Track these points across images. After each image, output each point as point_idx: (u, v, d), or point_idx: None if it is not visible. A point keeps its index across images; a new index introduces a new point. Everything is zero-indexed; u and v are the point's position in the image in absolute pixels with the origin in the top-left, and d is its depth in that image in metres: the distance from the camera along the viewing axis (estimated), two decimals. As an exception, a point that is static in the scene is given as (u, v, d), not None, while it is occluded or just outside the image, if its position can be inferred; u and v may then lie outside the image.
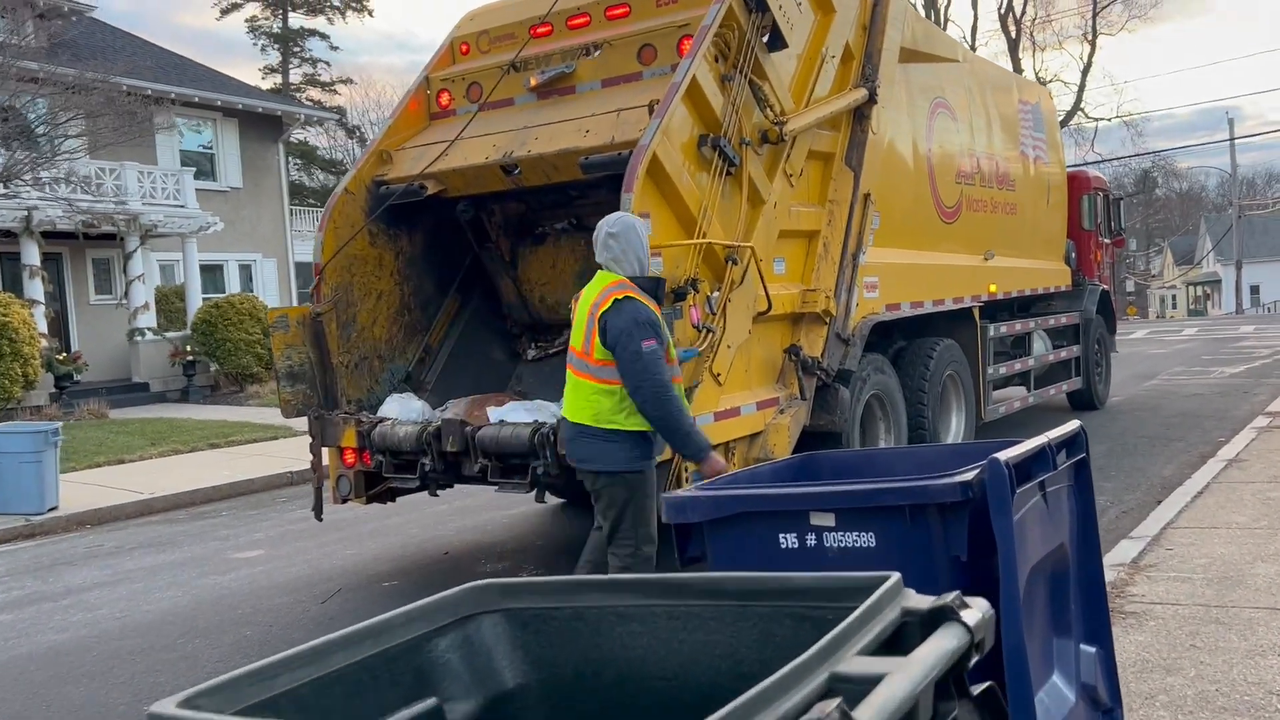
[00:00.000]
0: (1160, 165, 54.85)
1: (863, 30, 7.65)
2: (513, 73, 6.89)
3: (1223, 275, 59.69)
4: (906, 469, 2.70)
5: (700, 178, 5.88)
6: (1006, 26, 47.48)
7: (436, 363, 7.37)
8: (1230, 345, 22.40)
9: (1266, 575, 5.03)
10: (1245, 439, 9.23)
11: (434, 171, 6.70)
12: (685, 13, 6.39)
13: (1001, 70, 12.44)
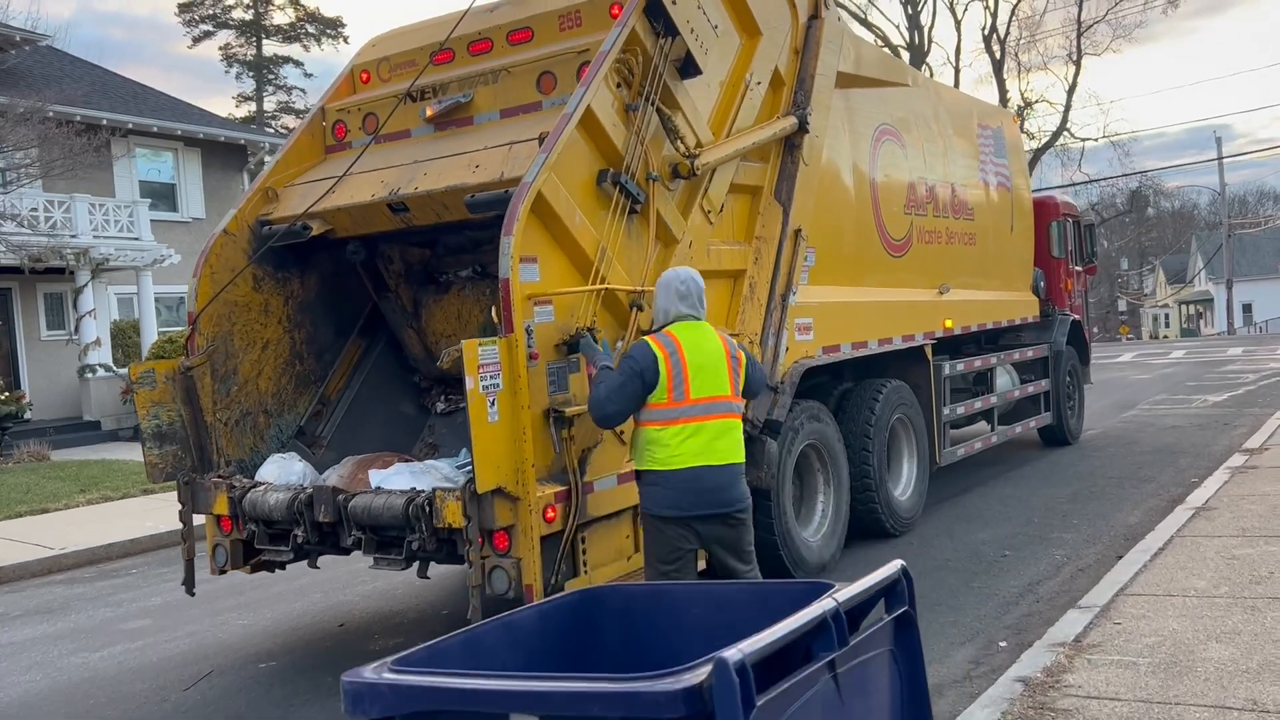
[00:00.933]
0: (1149, 185, 54.51)
1: (795, 54, 7.15)
2: (409, 102, 6.33)
3: (1215, 294, 59.29)
4: (703, 611, 2.13)
5: (599, 216, 5.35)
6: (990, 48, 47.25)
7: (334, 416, 6.70)
8: (1217, 369, 21.86)
9: (1218, 660, 4.44)
10: (1218, 481, 8.65)
11: (320, 210, 6.11)
12: (588, 37, 5.85)
13: (959, 94, 11.99)
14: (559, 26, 6.14)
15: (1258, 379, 18.95)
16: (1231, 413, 14.16)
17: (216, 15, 39.33)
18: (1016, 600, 6.15)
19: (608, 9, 5.87)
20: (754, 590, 2.24)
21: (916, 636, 2.06)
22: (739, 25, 6.54)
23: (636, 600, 2.22)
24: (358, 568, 8.26)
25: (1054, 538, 7.66)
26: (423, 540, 4.99)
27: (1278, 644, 4.57)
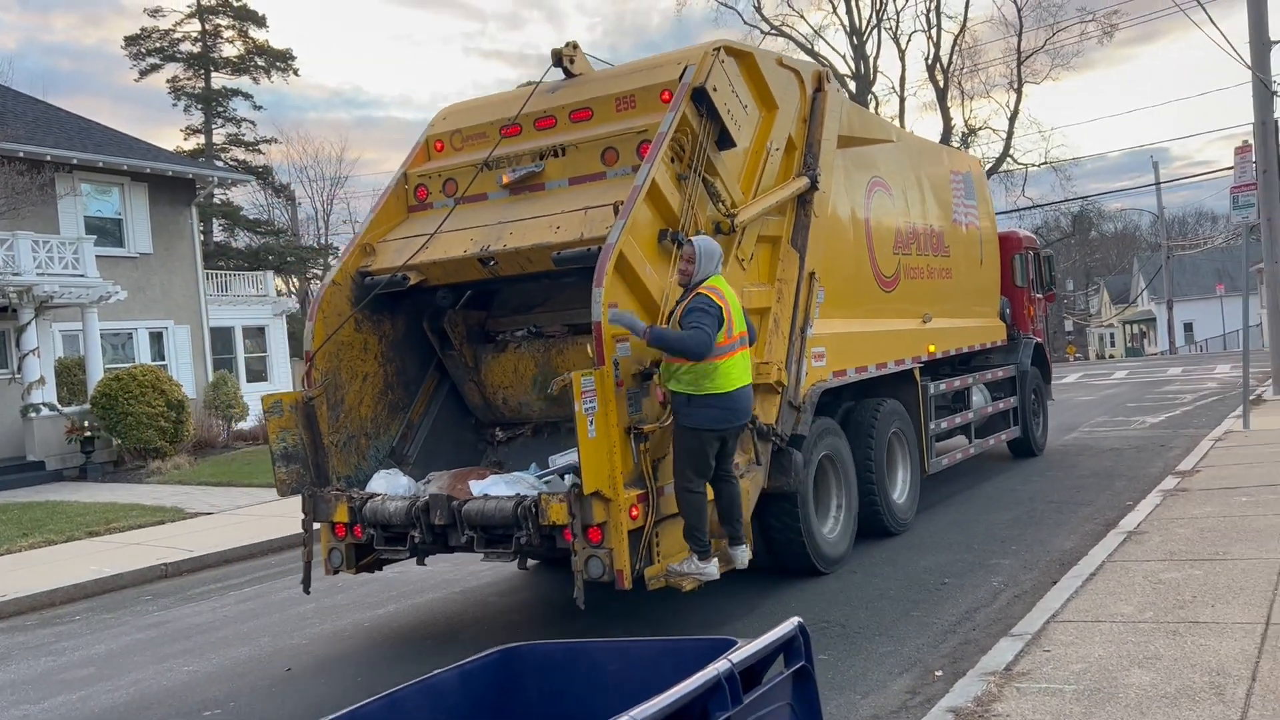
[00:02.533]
0: (1091, 208, 55.86)
1: (803, 122, 8.20)
2: (486, 170, 7.35)
3: (1157, 313, 60.67)
4: (618, 668, 2.22)
5: (662, 267, 6.42)
6: (934, 76, 48.25)
7: (418, 438, 7.65)
8: (1157, 390, 22.41)
9: (1139, 686, 4.61)
10: (1150, 505, 8.91)
11: (416, 263, 7.12)
12: (643, 119, 6.93)
13: (932, 144, 13.13)
14: (615, 108, 7.16)
15: (1194, 399, 19.47)
16: (1168, 434, 14.55)
17: (164, 48, 39.05)
18: (953, 628, 6.30)
19: (659, 95, 6.95)
20: (666, 647, 2.32)
21: (814, 689, 2.17)
22: (760, 101, 7.57)
23: (555, 659, 2.30)
24: (304, 610, 8.27)
25: (992, 564, 7.84)
26: (529, 536, 5.97)
27: (1195, 669, 4.76)
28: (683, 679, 1.88)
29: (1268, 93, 17.16)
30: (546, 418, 7.62)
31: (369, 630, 7.50)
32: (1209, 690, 4.47)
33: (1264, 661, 4.75)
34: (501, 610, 7.75)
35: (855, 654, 5.93)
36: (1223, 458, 11.21)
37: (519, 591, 8.30)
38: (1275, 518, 7.76)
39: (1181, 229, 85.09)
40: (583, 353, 6.60)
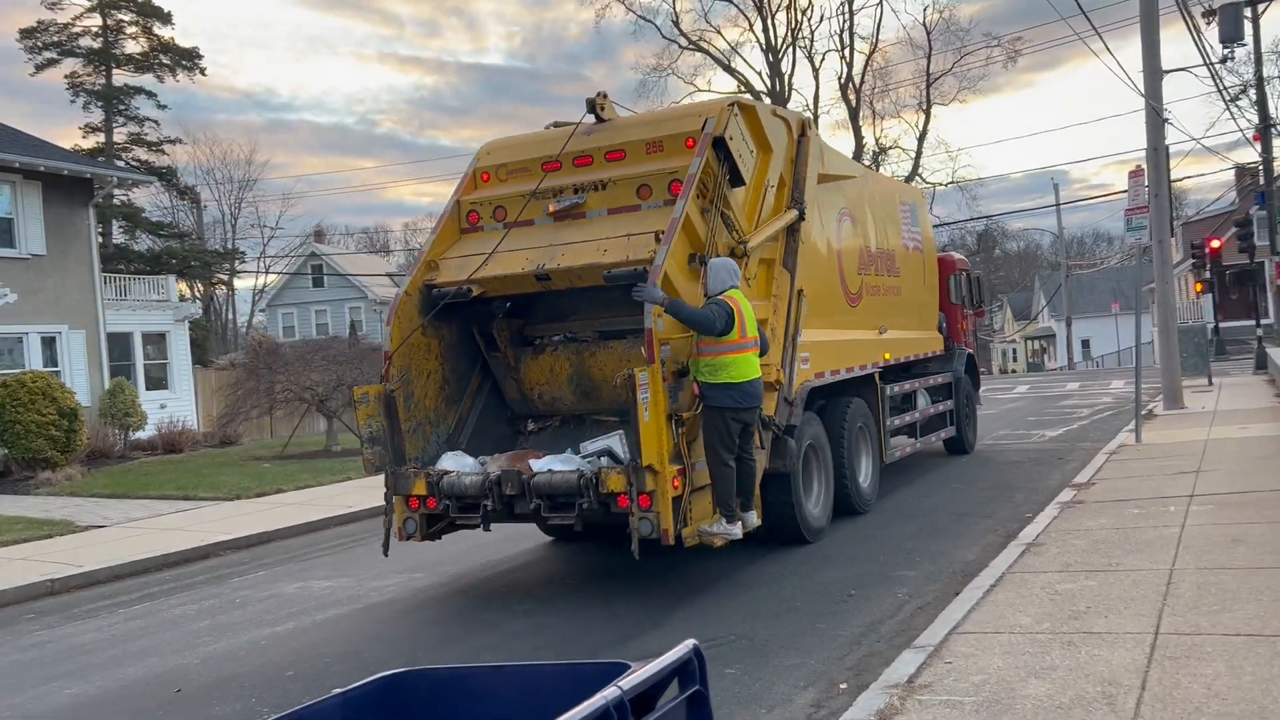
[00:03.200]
0: (996, 227, 57.60)
1: (790, 163, 9.59)
2: (533, 200, 8.58)
3: (1057, 330, 62.76)
4: (508, 694, 2.15)
5: (691, 285, 7.77)
6: (847, 96, 49.25)
7: (466, 427, 8.86)
8: (1055, 404, 23.12)
9: (1036, 697, 4.70)
10: (1048, 517, 9.14)
11: (478, 278, 8.31)
12: (670, 161, 8.23)
13: (886, 178, 15.06)
14: (645, 150, 8.45)
15: (1091, 414, 20.15)
16: (1065, 447, 15.00)
17: (62, 42, 37.58)
18: (858, 640, 6.36)
19: (684, 141, 8.22)
20: (558, 672, 2.26)
21: (709, 714, 2.14)
22: (760, 146, 8.87)
23: (443, 684, 2.22)
24: (198, 627, 7.97)
25: (897, 576, 7.95)
26: (590, 502, 7.22)
27: (1089, 679, 4.87)
28: (575, 704, 1.82)
29: (1159, 120, 17.89)
30: (574, 411, 9.02)
31: (266, 648, 7.26)
32: (1101, 700, 4.58)
33: (1153, 671, 4.89)
34: (407, 628, 7.58)
35: (762, 668, 5.93)
36: (1116, 471, 11.60)
37: (425, 608, 8.13)
38: (1165, 529, 8.04)
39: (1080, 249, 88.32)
40: (612, 355, 8.60)
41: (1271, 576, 6.32)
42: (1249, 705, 4.34)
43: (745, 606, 7.31)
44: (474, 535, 11.41)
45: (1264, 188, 33.21)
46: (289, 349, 23.29)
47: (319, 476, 16.89)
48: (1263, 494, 9.10)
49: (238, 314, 68.73)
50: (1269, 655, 4.93)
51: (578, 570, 9.07)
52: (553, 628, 7.16)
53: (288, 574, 10.08)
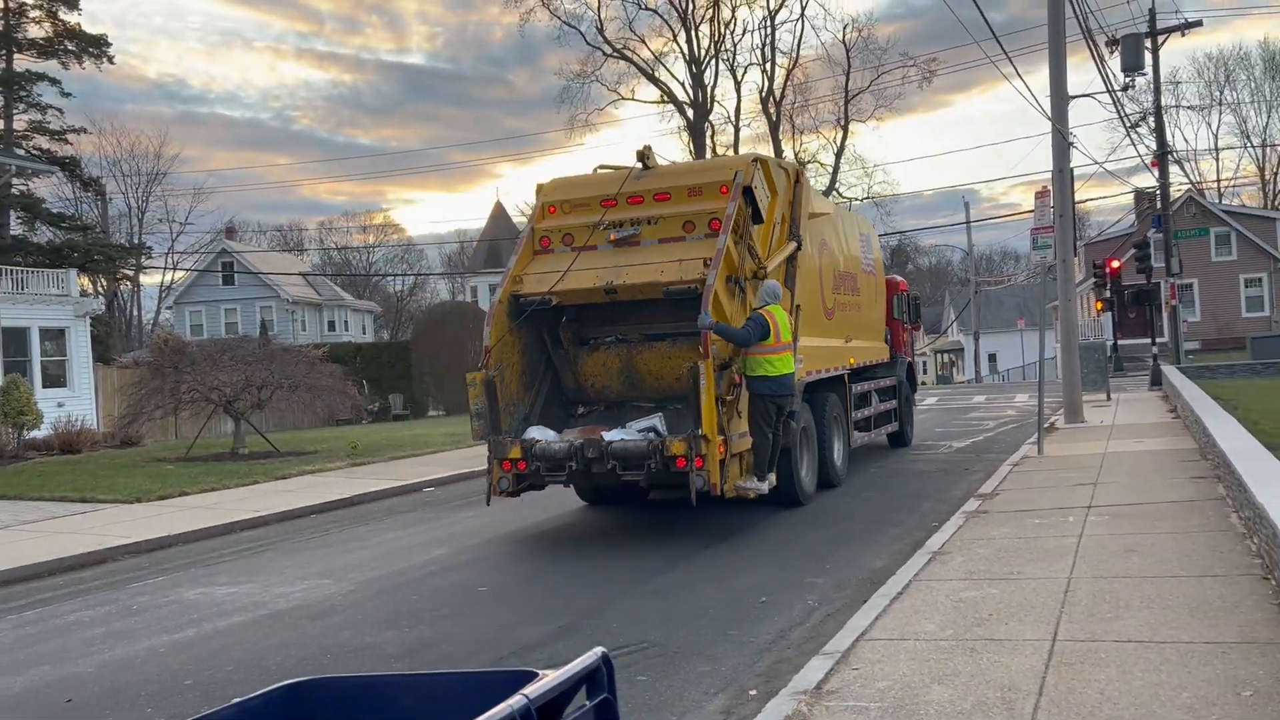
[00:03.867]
0: (909, 243, 58.97)
1: (789, 204, 11.77)
2: (596, 230, 10.84)
3: (965, 344, 64.41)
4: (414, 703, 2.12)
5: (731, 300, 10.17)
6: (768, 109, 49.92)
7: (535, 410, 10.90)
8: (962, 416, 23.74)
9: (939, 702, 4.81)
10: (954, 526, 9.37)
11: (557, 290, 10.57)
12: (708, 204, 10.54)
13: (850, 213, 17.29)
14: (687, 193, 10.77)
15: (996, 426, 20.74)
16: (971, 459, 15.41)
17: (-42, 23, 35.94)
18: (769, 647, 6.43)
19: (719, 188, 10.53)
20: (464, 680, 2.23)
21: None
22: (771, 191, 11.05)
23: (346, 694, 2.17)
24: (92, 634, 7.69)
25: (808, 582, 8.06)
26: (656, 464, 9.37)
27: (990, 685, 5.00)
28: (482, 713, 1.80)
29: (1065, 143, 18.53)
30: (619, 398, 11.19)
31: (165, 656, 7.03)
32: (1001, 705, 4.70)
33: (1050, 676, 5.04)
34: (313, 635, 7.41)
35: (673, 674, 5.95)
36: (1019, 482, 11.95)
37: (333, 615, 7.97)
38: (1063, 539, 8.30)
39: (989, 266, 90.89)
40: (655, 353, 10.99)
41: (1161, 585, 6.58)
42: (1139, 709, 4.51)
43: (659, 614, 7.33)
44: (387, 543, 11.23)
45: (1161, 212, 34.62)
46: (196, 348, 22.62)
47: (225, 479, 16.44)
48: (1155, 506, 9.47)
49: (143, 311, 66.58)
50: (1158, 661, 5.12)
51: (491, 579, 8.99)
52: (463, 636, 7.08)
53: (190, 579, 9.78)
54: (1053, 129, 18.53)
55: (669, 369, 10.85)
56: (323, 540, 11.67)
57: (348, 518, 13.39)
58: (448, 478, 16.61)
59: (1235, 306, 46.74)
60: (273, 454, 20.16)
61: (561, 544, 10.42)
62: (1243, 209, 52.80)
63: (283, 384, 20.76)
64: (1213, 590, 6.35)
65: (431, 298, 74.68)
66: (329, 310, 60.99)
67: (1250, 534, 7.61)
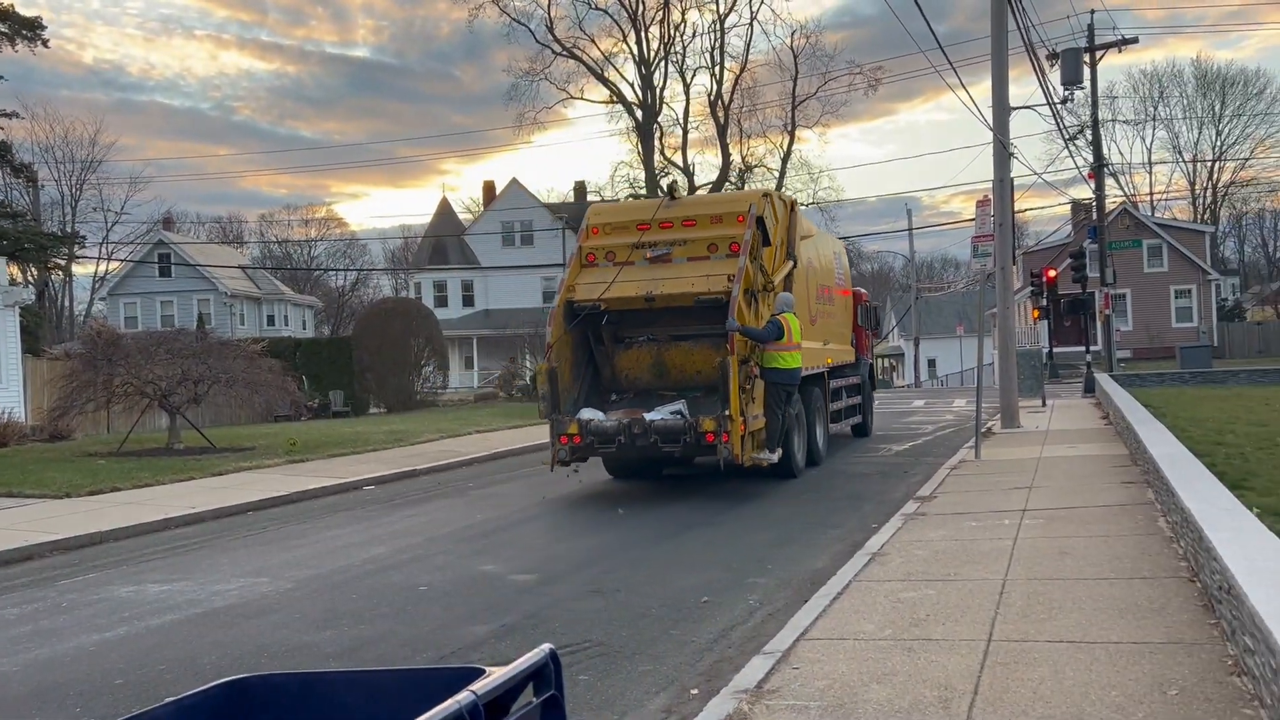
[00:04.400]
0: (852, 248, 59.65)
1: (786, 229, 14.22)
2: (635, 249, 13.28)
3: (905, 349, 65.34)
4: (355, 700, 2.09)
5: (748, 309, 12.42)
6: (716, 113, 50.13)
7: (581, 396, 13.22)
8: (902, 420, 24.07)
9: (877, 701, 4.88)
10: (893, 528, 9.51)
11: (604, 298, 12.97)
12: (728, 230, 12.97)
13: (827, 235, 20.21)
14: (710, 221, 13.22)
15: (935, 430, 21.06)
16: (910, 462, 15.64)
17: (-116, 0, 34.60)
18: (710, 646, 6.46)
19: (736, 218, 12.93)
20: (410, 678, 2.20)
21: (563, 718, 2.13)
22: (774, 217, 13.61)
23: (288, 691, 2.13)
24: (19, 632, 7.49)
25: (750, 583, 8.12)
26: (690, 438, 11.63)
27: (927, 684, 5.08)
28: (428, 710, 1.79)
29: (1006, 153, 18.89)
30: (647, 388, 13.50)
31: (95, 655, 6.86)
32: (937, 704, 4.79)
33: (985, 676, 5.14)
34: (250, 633, 7.29)
35: (615, 673, 5.96)
36: (956, 485, 12.16)
37: (270, 613, 7.84)
38: (999, 542, 8.47)
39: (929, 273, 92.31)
40: (680, 351, 13.37)
41: (1093, 587, 6.74)
42: (1070, 708, 4.62)
43: (601, 614, 7.33)
44: (326, 541, 11.08)
45: (1096, 223, 35.46)
46: (131, 340, 22.07)
47: (159, 475, 16.08)
48: (1088, 509, 9.70)
49: (75, 302, 64.79)
50: (1088, 660, 5.25)
51: (433, 578, 8.92)
52: (404, 635, 7.01)
53: (121, 577, 9.55)
54: (994, 139, 18.88)
55: (691, 364, 13.38)
56: (260, 538, 11.48)
57: (286, 515, 13.19)
58: (388, 476, 16.43)
59: (1166, 317, 48.03)
60: (209, 450, 19.77)
61: (504, 544, 10.37)
62: (1174, 222, 54.28)
63: (220, 379, 20.37)
64: (1141, 592, 6.53)
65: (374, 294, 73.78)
66: (269, 304, 59.98)
67: (1177, 538, 7.83)
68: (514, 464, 18.48)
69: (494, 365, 46.41)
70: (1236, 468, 11.17)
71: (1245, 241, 77.10)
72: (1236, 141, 69.33)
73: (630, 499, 12.93)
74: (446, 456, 18.79)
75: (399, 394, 33.20)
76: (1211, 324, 47.81)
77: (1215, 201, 71.08)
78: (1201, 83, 69.87)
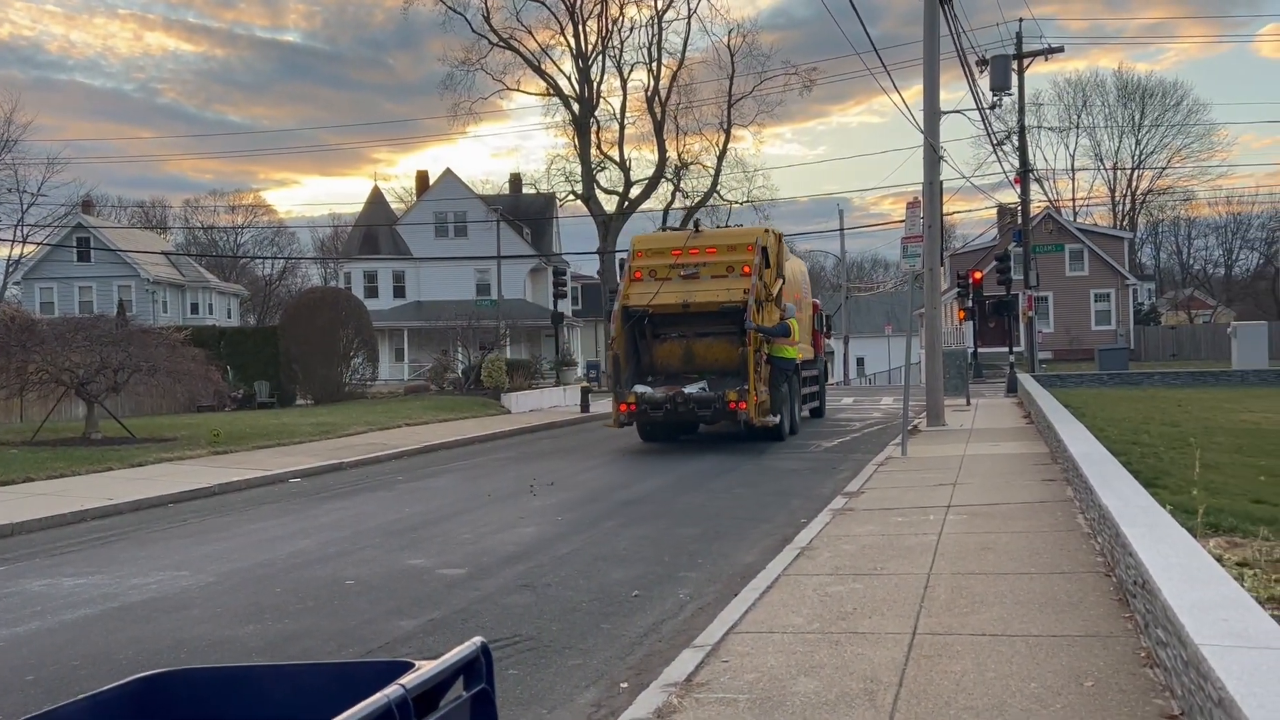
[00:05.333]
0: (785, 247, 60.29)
1: (777, 254, 18.96)
2: (671, 269, 17.97)
3: (835, 348, 66.14)
4: (282, 695, 2.05)
5: (758, 314, 17.15)
6: (653, 109, 50.19)
7: (631, 376, 17.73)
8: (832, 417, 24.36)
9: (805, 693, 4.93)
10: (821, 523, 9.63)
11: (651, 305, 17.62)
12: (740, 255, 17.91)
13: (796, 258, 24.59)
14: (726, 249, 18.24)
15: (863, 427, 21.40)
16: (839, 458, 15.86)
17: None
18: (640, 640, 6.48)
19: (745, 248, 18.02)
20: (336, 672, 2.16)
21: (493, 712, 2.11)
22: (772, 246, 18.61)
23: (209, 686, 2.07)
24: (-75, 628, 7.18)
25: (681, 577, 8.16)
26: (719, 406, 16.79)
27: (853, 676, 5.16)
28: (353, 705, 1.75)
29: (936, 156, 19.24)
30: (676, 372, 18.05)
31: (4, 650, 6.62)
32: (863, 696, 4.86)
33: (910, 668, 5.23)
34: (169, 628, 7.10)
35: (545, 668, 5.94)
36: (884, 481, 12.36)
37: (191, 607, 7.65)
38: (924, 536, 8.63)
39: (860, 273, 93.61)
40: (704, 344, 18.06)
41: (1014, 582, 6.91)
42: (990, 699, 4.72)
43: (532, 608, 7.30)
44: (249, 534, 10.86)
45: (1021, 227, 36.31)
46: (47, 326, 21.36)
47: (75, 465, 15.59)
48: (1009, 506, 9.93)
49: (-13, 286, 62.41)
50: (1009, 653, 5.37)
51: (360, 572, 8.79)
52: (330, 630, 6.90)
53: (34, 570, 9.24)
54: (925, 143, 19.21)
55: (711, 354, 18.18)
56: (180, 530, 11.20)
57: (208, 508, 12.88)
58: (315, 468, 16.16)
59: (1086, 319, 49.42)
60: (128, 440, 19.22)
61: (434, 538, 10.27)
62: (1095, 227, 55.89)
63: (141, 367, 19.80)
64: (1060, 586, 6.70)
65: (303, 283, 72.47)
66: (193, 292, 58.54)
67: (1095, 534, 8.06)
68: (445, 458, 18.30)
69: (425, 358, 45.87)
70: (1151, 466, 11.53)
71: (1161, 248, 79.67)
72: (1155, 151, 71.64)
73: (554, 490, 12.90)
74: (375, 449, 18.54)
75: (326, 385, 32.63)
76: (1129, 327, 49.33)
77: (1134, 208, 73.35)
78: (1123, 93, 72.00)
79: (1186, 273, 78.82)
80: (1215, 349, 45.20)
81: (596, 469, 15.63)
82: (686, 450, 17.97)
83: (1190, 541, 5.83)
